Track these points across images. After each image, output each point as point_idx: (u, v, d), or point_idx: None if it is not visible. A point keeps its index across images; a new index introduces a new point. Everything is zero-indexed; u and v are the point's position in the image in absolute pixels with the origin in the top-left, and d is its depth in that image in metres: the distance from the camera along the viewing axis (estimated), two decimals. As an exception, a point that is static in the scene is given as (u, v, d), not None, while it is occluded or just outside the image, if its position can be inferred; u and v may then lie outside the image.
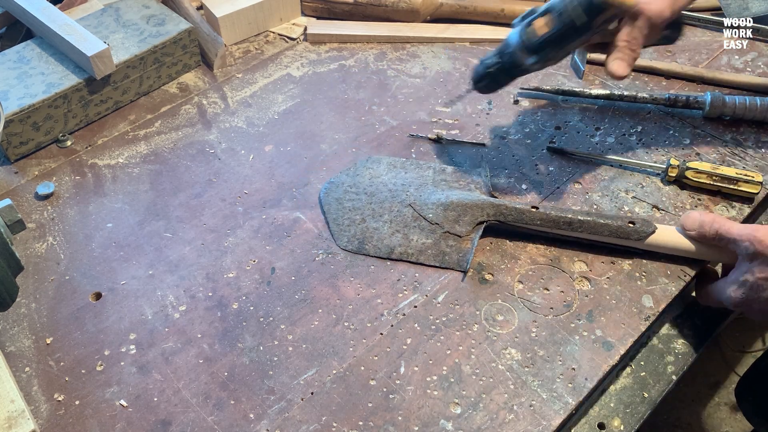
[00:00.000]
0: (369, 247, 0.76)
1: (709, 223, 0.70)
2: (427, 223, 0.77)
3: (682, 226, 0.73)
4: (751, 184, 0.79)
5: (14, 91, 0.87)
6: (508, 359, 0.67)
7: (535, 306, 0.71)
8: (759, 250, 0.66)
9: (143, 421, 0.63)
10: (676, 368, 0.74)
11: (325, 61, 1.04)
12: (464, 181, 0.82)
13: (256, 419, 0.63)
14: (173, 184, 0.85)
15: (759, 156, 0.86)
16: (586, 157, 0.86)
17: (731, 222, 0.70)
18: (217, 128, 0.93)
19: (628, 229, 0.73)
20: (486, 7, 1.08)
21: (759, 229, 0.67)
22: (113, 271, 0.75)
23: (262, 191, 0.84)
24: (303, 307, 0.71)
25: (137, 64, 0.94)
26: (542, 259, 0.75)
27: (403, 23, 1.09)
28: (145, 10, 1.01)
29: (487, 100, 0.96)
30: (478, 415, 0.63)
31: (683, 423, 1.57)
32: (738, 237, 0.68)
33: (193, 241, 0.78)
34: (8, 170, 0.88)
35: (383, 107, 0.95)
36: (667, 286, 0.73)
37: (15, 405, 0.61)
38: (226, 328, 0.70)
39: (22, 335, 0.69)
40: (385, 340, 0.68)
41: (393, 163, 0.85)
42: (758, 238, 0.67)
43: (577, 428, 0.69)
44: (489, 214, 0.75)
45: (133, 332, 0.70)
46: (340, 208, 0.80)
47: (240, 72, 1.02)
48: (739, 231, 0.68)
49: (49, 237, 0.79)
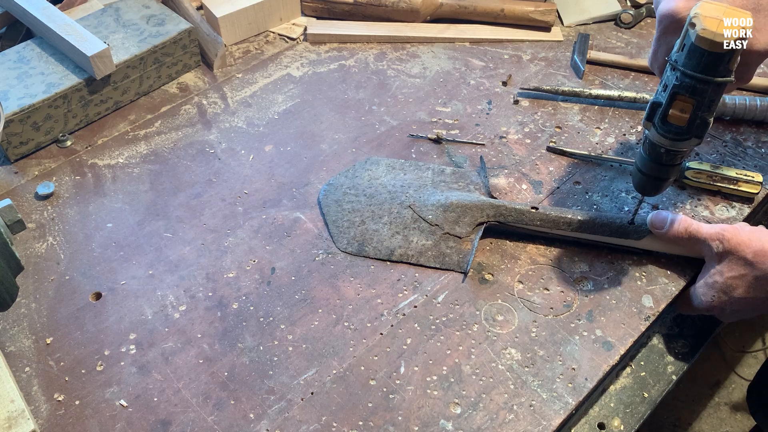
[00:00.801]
0: (369, 249, 0.76)
1: (679, 221, 0.70)
2: (426, 224, 0.77)
3: (651, 224, 0.72)
4: (751, 184, 0.79)
5: (14, 91, 0.87)
6: (508, 359, 0.67)
7: (535, 306, 0.71)
8: (727, 248, 0.66)
9: (143, 421, 0.63)
10: (676, 368, 0.74)
11: (325, 61, 1.04)
12: (463, 182, 0.82)
13: (256, 419, 0.63)
14: (173, 184, 0.85)
15: (759, 156, 0.86)
16: (586, 157, 0.86)
17: (700, 223, 0.70)
18: (217, 128, 0.93)
19: (628, 229, 0.73)
20: (486, 7, 1.08)
21: (727, 229, 0.67)
22: (113, 271, 0.75)
23: (262, 191, 0.84)
24: (303, 307, 0.71)
25: (137, 64, 0.94)
26: (542, 259, 0.75)
27: (403, 23, 1.09)
28: (145, 10, 1.01)
29: (487, 100, 0.96)
30: (478, 415, 0.63)
31: (683, 423, 1.57)
32: (707, 237, 0.68)
33: (193, 241, 0.78)
34: (8, 170, 0.88)
35: (383, 107, 0.95)
36: (667, 286, 0.72)
37: (15, 405, 0.61)
38: (226, 328, 0.70)
39: (22, 335, 0.69)
40: (385, 340, 0.68)
41: (392, 165, 0.85)
42: (726, 237, 0.67)
43: (577, 428, 0.69)
44: (489, 215, 0.75)
45: (133, 332, 0.70)
46: (339, 210, 0.80)
47: (240, 72, 1.02)
48: (708, 231, 0.68)
49: (49, 237, 0.79)
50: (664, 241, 0.72)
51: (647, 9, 1.10)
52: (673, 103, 0.60)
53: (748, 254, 0.65)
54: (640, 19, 1.10)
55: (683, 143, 0.62)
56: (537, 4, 1.08)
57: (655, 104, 0.62)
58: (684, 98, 0.59)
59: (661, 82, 0.62)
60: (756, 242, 0.65)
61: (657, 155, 0.64)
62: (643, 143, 0.66)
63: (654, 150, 0.64)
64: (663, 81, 0.62)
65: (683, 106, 0.60)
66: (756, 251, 0.64)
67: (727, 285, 0.66)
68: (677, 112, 0.60)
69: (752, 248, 0.65)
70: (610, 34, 1.08)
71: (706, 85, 0.58)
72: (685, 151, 0.64)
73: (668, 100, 0.60)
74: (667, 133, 0.62)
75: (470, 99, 0.96)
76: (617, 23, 1.10)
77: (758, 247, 0.64)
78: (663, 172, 0.66)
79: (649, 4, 1.10)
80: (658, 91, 0.63)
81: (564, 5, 1.12)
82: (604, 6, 1.11)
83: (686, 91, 0.59)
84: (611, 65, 1.01)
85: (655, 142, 0.64)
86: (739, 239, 0.66)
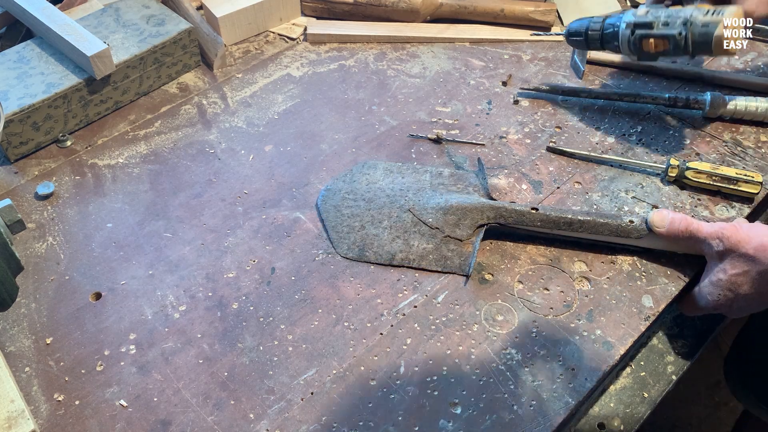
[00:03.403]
0: (370, 254, 0.76)
1: (679, 220, 0.70)
2: (427, 227, 0.76)
3: (651, 223, 0.72)
4: (751, 184, 0.79)
5: (14, 91, 0.87)
6: (508, 359, 0.67)
7: (535, 306, 0.71)
8: (728, 246, 0.66)
9: (143, 421, 0.63)
10: (676, 368, 0.74)
11: (325, 61, 1.04)
12: (462, 185, 0.82)
13: (256, 419, 0.63)
14: (173, 184, 0.85)
15: (759, 156, 0.86)
16: (586, 157, 0.86)
17: (700, 221, 0.70)
18: (217, 128, 0.93)
19: (628, 228, 0.73)
20: (486, 7, 1.08)
21: (725, 227, 0.67)
22: (113, 271, 0.75)
23: (262, 191, 0.84)
24: (303, 307, 0.71)
25: (137, 64, 0.94)
26: (542, 259, 0.75)
27: (403, 23, 1.09)
28: (145, 10, 1.01)
29: (487, 100, 0.96)
30: (478, 415, 0.63)
31: (683, 423, 1.57)
32: (707, 235, 0.68)
33: (193, 241, 0.78)
34: (8, 170, 0.88)
35: (383, 107, 0.95)
36: (667, 286, 0.73)
37: (15, 405, 0.61)
38: (226, 328, 0.70)
39: (22, 335, 0.69)
40: (385, 340, 0.68)
41: (389, 168, 0.85)
42: (725, 234, 0.67)
43: (577, 428, 0.69)
44: (489, 216, 0.75)
45: (133, 332, 0.70)
46: (338, 216, 0.79)
47: (240, 72, 1.02)
48: (708, 229, 0.68)
49: (49, 237, 0.79)
50: (664, 239, 0.72)
51: (647, 9, 1.10)
52: (661, 38, 0.78)
53: (749, 250, 0.65)
54: (640, 19, 1.10)
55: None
56: (537, 4, 1.08)
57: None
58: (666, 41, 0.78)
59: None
60: (756, 238, 0.65)
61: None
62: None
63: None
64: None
65: (664, 44, 0.79)
66: (756, 247, 0.65)
67: (732, 282, 0.66)
68: (660, 44, 0.79)
69: (752, 244, 0.65)
70: (610, 34, 1.08)
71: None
72: (620, 53, 0.85)
73: (659, 35, 0.78)
74: (631, 42, 0.81)
75: (470, 99, 0.96)
76: (617, 23, 1.09)
77: (758, 243, 0.65)
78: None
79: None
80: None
81: (564, 5, 1.12)
82: (604, 6, 1.11)
83: (672, 41, 0.78)
84: (611, 65, 1.01)
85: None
86: (739, 236, 0.66)
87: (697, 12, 0.76)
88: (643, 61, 0.87)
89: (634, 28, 0.80)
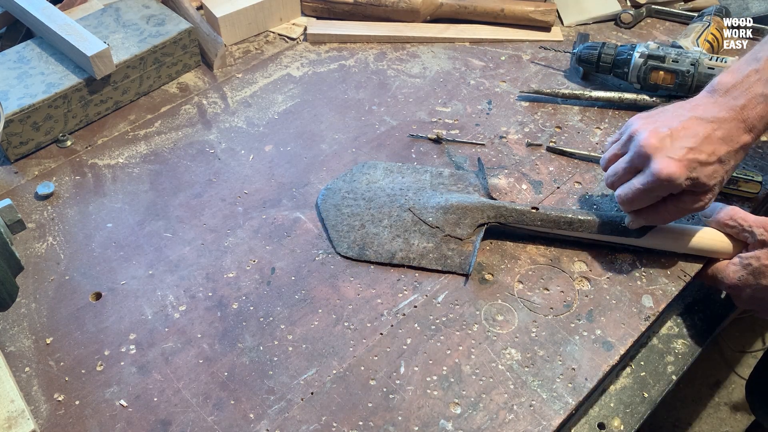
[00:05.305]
0: (370, 252, 0.75)
1: (727, 210, 0.73)
2: (427, 227, 0.76)
3: (702, 212, 0.74)
4: (751, 184, 0.79)
5: (14, 91, 0.87)
6: (508, 359, 0.67)
7: (535, 306, 0.71)
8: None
9: (143, 421, 0.63)
10: (676, 368, 0.74)
11: (325, 61, 1.04)
12: (462, 184, 0.82)
13: (256, 419, 0.63)
14: (173, 184, 0.85)
15: (759, 156, 0.86)
16: (586, 157, 0.86)
17: (747, 213, 0.72)
18: (217, 128, 0.93)
19: (629, 227, 0.73)
20: (486, 7, 1.08)
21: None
22: (113, 271, 0.75)
23: (262, 191, 0.84)
24: (303, 307, 0.71)
25: (137, 64, 0.94)
26: (542, 259, 0.75)
27: (403, 23, 1.09)
28: (145, 10, 1.01)
29: (487, 100, 0.96)
30: (478, 415, 0.63)
31: (683, 423, 1.57)
32: (754, 224, 0.71)
33: (193, 241, 0.78)
34: (8, 170, 0.88)
35: (383, 107, 0.95)
36: (667, 286, 0.73)
37: (15, 405, 0.61)
38: (226, 328, 0.70)
39: (22, 335, 0.69)
40: (385, 340, 0.68)
41: (389, 168, 0.85)
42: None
43: (577, 428, 0.69)
44: (489, 216, 0.75)
45: (133, 332, 0.70)
46: (338, 215, 0.79)
47: (240, 72, 1.02)
48: (755, 219, 0.71)
49: (49, 237, 0.79)
50: (711, 226, 0.73)
51: (647, 9, 1.10)
52: (669, 72, 0.89)
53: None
54: (640, 19, 1.10)
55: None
56: (537, 4, 1.08)
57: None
58: (674, 76, 0.89)
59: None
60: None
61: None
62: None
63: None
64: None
65: (671, 78, 0.89)
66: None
67: (759, 271, 0.69)
68: (667, 78, 0.89)
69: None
70: (610, 34, 1.08)
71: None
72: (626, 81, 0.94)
73: (668, 69, 0.89)
74: (640, 76, 0.91)
75: (470, 99, 0.96)
76: (617, 23, 1.10)
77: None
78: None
79: (649, 5, 1.10)
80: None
81: (564, 5, 1.13)
82: (604, 6, 1.11)
83: (680, 76, 0.88)
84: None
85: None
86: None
87: (703, 56, 0.87)
88: (641, 92, 0.92)
89: (648, 58, 0.89)
